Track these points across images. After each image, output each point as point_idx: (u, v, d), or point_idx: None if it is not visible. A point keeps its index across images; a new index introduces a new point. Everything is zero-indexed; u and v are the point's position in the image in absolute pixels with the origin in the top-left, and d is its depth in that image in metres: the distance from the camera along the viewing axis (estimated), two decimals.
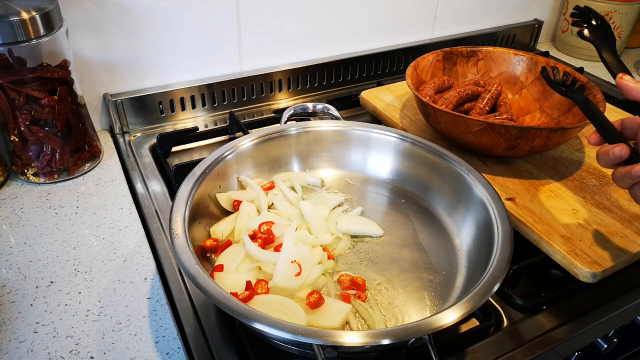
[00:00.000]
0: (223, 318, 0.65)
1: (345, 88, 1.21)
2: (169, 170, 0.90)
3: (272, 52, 1.10)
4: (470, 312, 0.53)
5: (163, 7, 0.95)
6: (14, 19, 0.73)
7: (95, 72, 0.97)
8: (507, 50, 1.02)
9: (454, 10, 1.27)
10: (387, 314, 0.64)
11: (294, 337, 0.50)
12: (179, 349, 0.61)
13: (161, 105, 1.03)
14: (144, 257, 0.73)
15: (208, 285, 0.55)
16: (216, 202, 0.75)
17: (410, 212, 0.79)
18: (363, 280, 0.67)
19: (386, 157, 0.84)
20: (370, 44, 1.21)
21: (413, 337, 0.51)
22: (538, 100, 0.99)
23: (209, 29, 1.01)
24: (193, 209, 0.67)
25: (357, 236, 0.75)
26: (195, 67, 1.05)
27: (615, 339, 0.77)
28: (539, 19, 1.42)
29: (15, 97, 0.79)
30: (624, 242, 0.71)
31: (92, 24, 0.91)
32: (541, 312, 0.68)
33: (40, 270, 0.70)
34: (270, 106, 1.13)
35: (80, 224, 0.79)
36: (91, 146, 0.92)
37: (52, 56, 0.81)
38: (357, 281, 0.67)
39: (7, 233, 0.76)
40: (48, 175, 0.86)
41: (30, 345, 0.61)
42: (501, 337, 0.65)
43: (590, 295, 0.71)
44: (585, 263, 0.67)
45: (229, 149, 0.77)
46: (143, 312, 0.65)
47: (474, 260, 0.68)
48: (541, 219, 0.74)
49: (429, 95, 0.91)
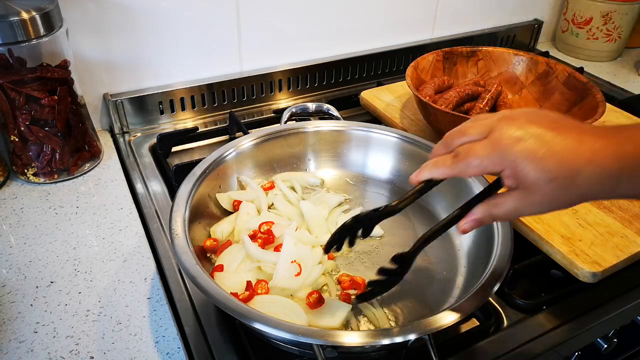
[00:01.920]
0: (223, 318, 0.65)
1: (345, 88, 1.20)
2: (169, 170, 0.90)
3: (272, 52, 1.10)
4: (470, 312, 0.53)
5: (163, 7, 0.95)
6: (14, 19, 0.73)
7: (95, 72, 0.97)
8: (507, 50, 1.02)
9: (454, 10, 1.27)
10: (387, 314, 0.64)
11: (294, 337, 0.50)
12: (179, 349, 0.61)
13: (161, 105, 1.03)
14: (144, 257, 0.73)
15: (208, 285, 0.55)
16: (216, 202, 0.75)
17: (410, 212, 0.79)
18: (363, 280, 0.67)
19: (386, 157, 0.84)
20: (370, 44, 1.21)
21: (413, 337, 0.51)
22: (538, 100, 0.99)
23: (209, 29, 1.01)
24: (193, 209, 0.67)
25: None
26: (195, 67, 1.05)
27: (615, 339, 0.77)
28: (539, 19, 1.42)
29: (15, 97, 0.79)
30: (624, 242, 0.71)
31: (92, 24, 0.91)
32: (541, 312, 0.68)
33: (40, 270, 0.70)
34: (270, 106, 1.13)
35: (80, 224, 0.79)
36: (91, 146, 0.92)
37: (52, 56, 0.81)
38: (357, 280, 0.67)
39: (7, 233, 0.76)
40: (48, 175, 0.86)
41: (30, 345, 0.61)
42: (501, 337, 0.65)
43: (590, 295, 0.71)
44: (585, 263, 0.67)
45: (229, 149, 0.77)
46: (143, 312, 0.65)
47: (474, 260, 0.68)
48: (541, 219, 0.74)
49: (429, 95, 0.91)
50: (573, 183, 0.44)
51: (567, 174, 0.44)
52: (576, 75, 0.92)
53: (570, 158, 0.43)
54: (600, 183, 0.43)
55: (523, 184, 0.46)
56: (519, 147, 0.45)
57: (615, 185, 0.44)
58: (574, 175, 0.43)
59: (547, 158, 0.44)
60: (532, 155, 0.44)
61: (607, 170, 0.43)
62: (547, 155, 0.44)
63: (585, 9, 1.33)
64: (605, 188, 0.44)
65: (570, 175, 0.44)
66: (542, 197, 0.45)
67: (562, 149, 0.44)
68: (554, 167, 0.44)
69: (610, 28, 1.32)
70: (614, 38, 1.34)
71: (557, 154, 0.44)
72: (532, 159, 0.44)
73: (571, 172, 0.43)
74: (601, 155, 0.43)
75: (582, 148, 0.43)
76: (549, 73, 0.98)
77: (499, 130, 0.46)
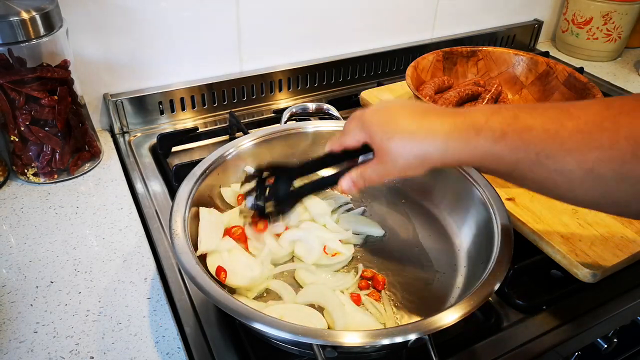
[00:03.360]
0: (223, 318, 0.65)
1: (345, 88, 1.20)
2: (169, 170, 0.90)
3: (272, 52, 1.10)
4: (470, 312, 0.53)
5: (163, 7, 0.95)
6: (14, 19, 0.73)
7: (95, 72, 0.97)
8: (507, 50, 1.02)
9: (454, 10, 1.27)
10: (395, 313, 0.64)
11: (294, 337, 0.50)
12: (179, 349, 0.61)
13: (161, 105, 1.03)
14: (144, 257, 0.73)
15: (208, 285, 0.55)
16: (216, 201, 0.75)
17: (411, 212, 0.79)
18: (383, 278, 0.68)
19: None
20: (370, 44, 1.21)
21: (413, 337, 0.51)
22: (538, 100, 0.99)
23: (209, 29, 1.01)
24: (193, 209, 0.67)
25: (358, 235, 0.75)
26: (195, 67, 1.05)
27: (615, 339, 0.77)
28: (539, 19, 1.42)
29: (15, 97, 0.79)
30: (624, 242, 0.71)
31: (92, 24, 0.91)
32: (541, 312, 0.68)
33: (40, 270, 0.70)
34: (270, 106, 1.13)
35: (80, 224, 0.79)
36: (91, 146, 0.92)
37: (52, 56, 0.81)
38: (378, 278, 0.68)
39: (7, 233, 0.76)
40: (48, 175, 0.86)
41: (30, 345, 0.61)
42: (501, 337, 0.65)
43: (590, 295, 0.71)
44: (585, 263, 0.67)
45: (229, 149, 0.77)
46: (143, 312, 0.65)
47: (474, 260, 0.68)
48: (541, 219, 0.74)
49: (429, 95, 0.91)
50: (407, 144, 0.53)
51: (405, 135, 0.53)
52: (576, 75, 0.92)
53: (408, 124, 0.53)
54: (433, 145, 0.52)
55: (377, 149, 0.56)
56: (372, 119, 0.57)
57: (445, 148, 0.51)
58: (411, 136, 0.53)
59: (388, 124, 0.55)
60: (379, 124, 0.55)
61: (437, 134, 0.51)
62: (390, 124, 0.54)
63: (585, 9, 1.33)
64: (439, 149, 0.52)
65: (404, 137, 0.53)
66: (388, 157, 0.55)
67: (404, 118, 0.54)
68: (393, 129, 0.54)
69: (610, 28, 1.32)
70: (614, 38, 1.34)
71: (399, 121, 0.54)
72: (378, 126, 0.55)
73: (410, 133, 0.53)
74: (436, 124, 0.52)
75: (423, 119, 0.53)
76: (549, 73, 0.98)
77: (367, 109, 0.59)
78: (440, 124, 0.52)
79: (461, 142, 0.50)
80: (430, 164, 0.54)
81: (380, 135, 0.55)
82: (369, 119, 0.57)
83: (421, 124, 0.53)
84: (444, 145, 0.51)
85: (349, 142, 0.60)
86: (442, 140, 0.51)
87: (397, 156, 0.54)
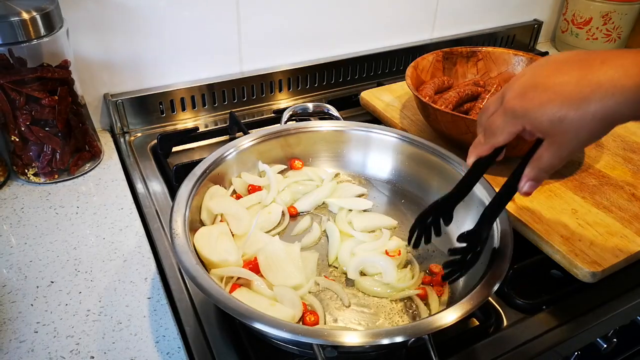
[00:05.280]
0: (223, 318, 0.65)
1: (345, 88, 1.21)
2: (169, 170, 0.90)
3: (272, 52, 1.10)
4: (470, 312, 0.53)
5: (163, 7, 0.95)
6: (15, 19, 0.73)
7: (95, 72, 0.97)
8: (506, 51, 1.02)
9: (454, 11, 1.27)
10: None
11: (294, 337, 0.50)
12: (179, 348, 0.61)
13: (161, 105, 1.03)
14: (144, 257, 0.73)
15: (208, 285, 0.55)
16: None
17: (410, 212, 0.79)
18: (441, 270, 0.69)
19: (386, 157, 0.84)
20: (370, 44, 1.21)
21: (413, 337, 0.51)
22: None
23: (209, 29, 1.01)
24: (193, 209, 0.67)
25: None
26: (196, 67, 1.05)
27: (615, 339, 0.77)
28: (539, 19, 1.42)
29: (15, 97, 0.79)
30: (624, 242, 0.71)
31: (92, 24, 0.92)
32: (541, 312, 0.68)
33: (41, 270, 0.71)
34: (270, 106, 1.13)
35: (80, 224, 0.79)
36: (91, 146, 0.92)
37: (53, 56, 0.81)
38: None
39: (8, 233, 0.76)
40: (48, 175, 0.87)
41: (31, 345, 0.61)
42: (501, 337, 0.65)
43: (590, 295, 0.71)
44: (585, 263, 0.67)
45: (229, 149, 0.77)
46: (143, 312, 0.65)
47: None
48: (541, 219, 0.74)
49: (429, 96, 0.91)
50: (587, 112, 0.45)
51: (576, 106, 0.45)
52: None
53: (576, 88, 0.45)
54: (624, 102, 0.44)
55: (545, 133, 0.48)
56: (524, 103, 0.48)
57: (635, 99, 0.44)
58: (584, 105, 0.45)
59: (551, 101, 0.46)
60: (537, 105, 0.47)
61: (625, 88, 0.44)
62: (551, 99, 0.46)
63: (584, 9, 1.33)
64: (630, 104, 0.44)
65: (580, 105, 0.45)
66: (566, 136, 0.47)
67: (562, 89, 0.46)
68: (559, 107, 0.46)
69: (609, 28, 1.32)
70: (614, 38, 1.34)
71: (559, 95, 0.46)
72: (538, 107, 0.47)
73: (584, 100, 0.45)
74: (617, 73, 0.44)
75: (592, 74, 0.45)
76: None
77: (506, 95, 0.50)
78: (624, 73, 0.44)
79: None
80: (620, 122, 0.47)
81: (547, 115, 0.47)
82: (520, 103, 0.48)
83: (597, 81, 0.45)
84: (637, 96, 0.44)
85: (501, 140, 0.52)
86: (634, 92, 0.44)
87: (578, 129, 0.46)
